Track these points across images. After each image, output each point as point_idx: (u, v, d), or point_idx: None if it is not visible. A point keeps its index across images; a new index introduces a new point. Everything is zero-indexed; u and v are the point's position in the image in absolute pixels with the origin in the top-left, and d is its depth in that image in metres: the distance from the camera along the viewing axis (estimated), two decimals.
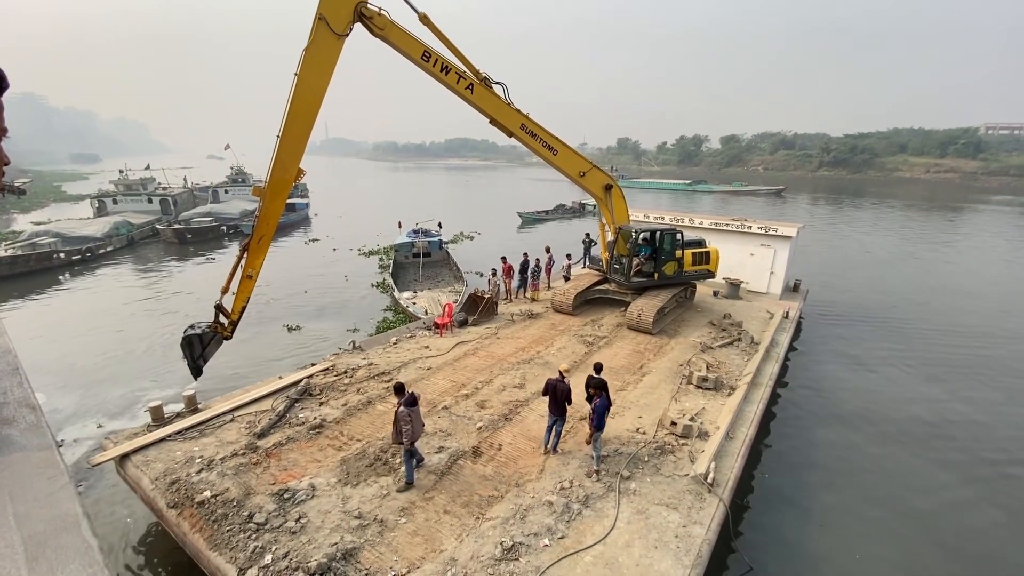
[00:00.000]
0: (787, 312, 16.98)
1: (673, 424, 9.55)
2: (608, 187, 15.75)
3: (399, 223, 28.66)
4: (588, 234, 23.55)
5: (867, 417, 12.78)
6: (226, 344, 10.60)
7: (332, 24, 9.70)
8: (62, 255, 28.00)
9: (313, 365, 12.29)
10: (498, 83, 12.89)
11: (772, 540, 8.72)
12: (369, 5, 10.35)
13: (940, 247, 36.55)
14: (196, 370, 10.23)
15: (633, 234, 15.82)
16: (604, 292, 17.23)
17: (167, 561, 8.03)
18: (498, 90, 12.93)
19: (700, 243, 17.42)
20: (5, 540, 1.26)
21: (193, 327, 10.19)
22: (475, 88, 12.51)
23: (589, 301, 17.31)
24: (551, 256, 19.88)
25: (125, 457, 8.42)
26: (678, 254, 16.07)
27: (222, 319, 10.14)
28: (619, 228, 16.04)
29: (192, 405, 9.93)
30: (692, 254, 16.57)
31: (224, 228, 38.08)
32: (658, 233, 15.91)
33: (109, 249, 31.64)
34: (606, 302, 17.19)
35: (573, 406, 8.70)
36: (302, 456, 8.63)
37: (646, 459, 8.63)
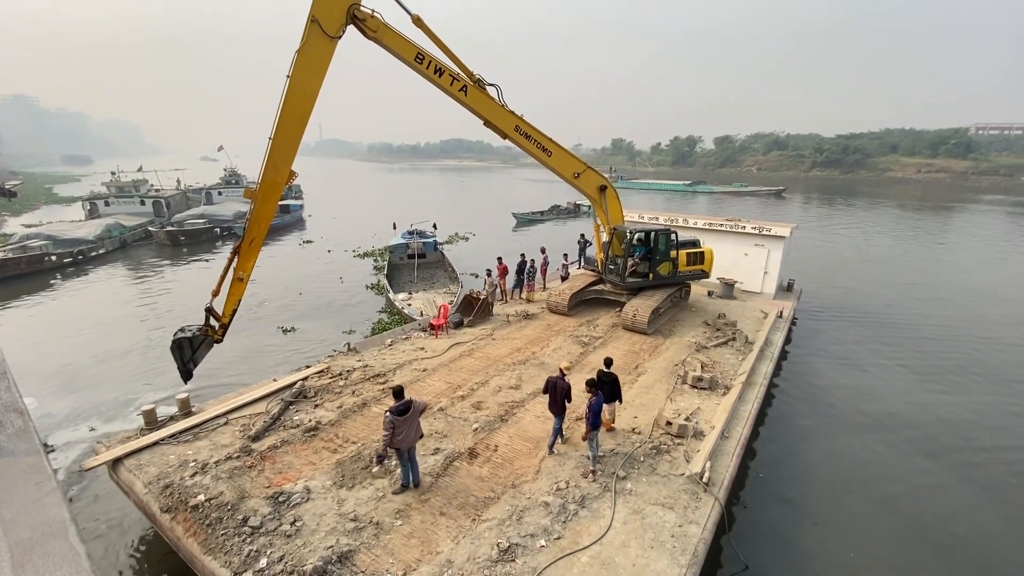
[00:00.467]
0: (781, 311, 17.09)
1: (669, 424, 9.58)
2: (603, 188, 15.79)
3: (394, 224, 28.58)
4: (583, 235, 23.59)
5: (861, 416, 12.86)
6: (220, 346, 10.56)
7: (325, 26, 9.65)
8: (53, 257, 27.80)
9: (308, 367, 12.24)
10: (492, 85, 12.89)
11: (768, 538, 8.75)
12: (362, 7, 10.31)
13: (933, 246, 36.93)
14: (186, 374, 10.19)
15: (628, 235, 15.88)
16: (599, 292, 17.28)
17: (161, 566, 7.96)
18: (492, 92, 12.93)
19: (695, 243, 17.53)
20: None
21: (183, 330, 10.14)
22: (469, 90, 12.50)
23: (584, 302, 17.35)
24: (546, 257, 19.91)
25: (118, 461, 8.35)
26: (673, 254, 16.14)
27: (212, 322, 10.09)
28: (614, 229, 16.07)
29: (186, 408, 9.87)
30: (687, 254, 16.69)
31: (217, 230, 37.90)
32: (653, 233, 15.97)
33: (101, 251, 31.39)
34: (601, 302, 17.23)
35: (572, 404, 8.71)
36: (297, 459, 8.59)
37: (642, 459, 8.65)
